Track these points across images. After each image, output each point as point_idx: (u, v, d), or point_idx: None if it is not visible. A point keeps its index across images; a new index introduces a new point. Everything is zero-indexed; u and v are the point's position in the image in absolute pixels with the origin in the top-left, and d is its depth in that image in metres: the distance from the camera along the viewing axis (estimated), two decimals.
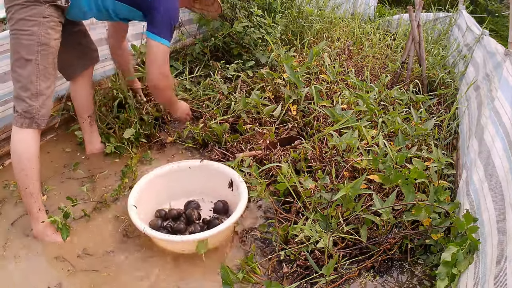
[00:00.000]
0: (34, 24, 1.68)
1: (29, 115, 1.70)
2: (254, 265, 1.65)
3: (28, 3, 1.67)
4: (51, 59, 1.75)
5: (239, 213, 1.74)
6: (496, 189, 1.50)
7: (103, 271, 1.65)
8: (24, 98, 1.70)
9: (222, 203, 1.97)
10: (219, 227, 1.68)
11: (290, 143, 2.40)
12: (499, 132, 1.73)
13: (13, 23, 1.70)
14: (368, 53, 3.72)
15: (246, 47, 3.33)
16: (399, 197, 1.92)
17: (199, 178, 2.03)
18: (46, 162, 2.27)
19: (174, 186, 2.00)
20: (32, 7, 1.67)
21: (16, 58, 1.70)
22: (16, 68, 1.70)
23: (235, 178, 1.95)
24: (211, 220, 1.87)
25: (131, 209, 1.73)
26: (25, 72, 1.69)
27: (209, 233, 1.65)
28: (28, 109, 1.70)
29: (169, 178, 1.99)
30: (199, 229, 1.81)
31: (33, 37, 1.68)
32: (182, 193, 2.03)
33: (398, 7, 5.97)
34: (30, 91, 1.70)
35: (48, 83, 1.75)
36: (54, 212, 1.92)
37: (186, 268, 1.69)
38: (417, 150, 2.16)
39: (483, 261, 1.34)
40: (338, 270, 1.64)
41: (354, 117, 2.38)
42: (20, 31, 1.68)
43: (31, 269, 1.66)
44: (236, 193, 1.91)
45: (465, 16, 4.07)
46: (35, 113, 1.71)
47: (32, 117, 1.70)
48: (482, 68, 2.60)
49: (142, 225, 1.66)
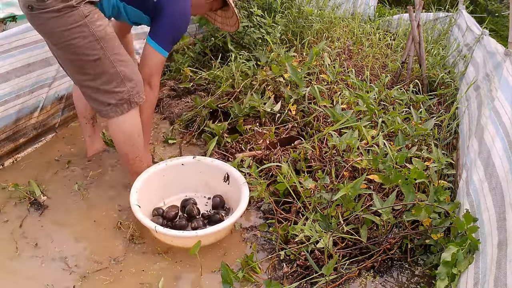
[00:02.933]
0: (81, 29, 1.62)
1: (125, 100, 1.77)
2: (254, 265, 1.65)
3: (63, 11, 1.58)
4: (117, 43, 1.75)
5: (244, 205, 1.77)
6: (496, 189, 1.50)
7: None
8: (112, 90, 1.74)
9: (218, 198, 1.99)
10: (231, 218, 1.72)
11: (290, 143, 2.40)
12: (499, 132, 1.73)
13: (53, 35, 1.64)
14: (368, 53, 3.72)
15: (246, 47, 3.34)
16: (399, 197, 1.92)
17: (193, 174, 2.04)
18: (46, 162, 2.27)
19: (169, 184, 2.01)
20: (68, 15, 1.59)
21: (83, 65, 1.69)
22: (88, 71, 1.70)
23: (231, 171, 1.96)
24: (212, 215, 1.89)
25: (137, 210, 1.72)
26: (100, 69, 1.70)
27: (223, 225, 1.69)
28: (122, 96, 1.76)
29: (164, 175, 1.99)
30: (201, 224, 1.83)
31: (89, 38, 1.64)
32: (177, 190, 2.05)
33: (398, 7, 5.96)
34: (115, 81, 1.74)
35: (125, 63, 1.76)
36: (55, 211, 1.92)
37: (186, 267, 1.69)
38: (417, 150, 2.16)
39: (483, 261, 1.34)
40: (338, 270, 1.64)
41: (354, 117, 2.38)
42: (70, 41, 1.63)
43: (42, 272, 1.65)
44: (233, 186, 1.93)
45: (465, 16, 4.07)
46: (129, 96, 1.78)
47: (128, 99, 1.78)
48: (482, 68, 2.60)
49: (154, 224, 1.66)
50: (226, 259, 1.73)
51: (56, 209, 1.95)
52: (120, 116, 1.81)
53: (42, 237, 1.79)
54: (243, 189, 1.86)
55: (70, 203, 1.99)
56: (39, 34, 1.78)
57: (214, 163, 2.03)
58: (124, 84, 1.76)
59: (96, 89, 1.76)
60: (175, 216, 1.89)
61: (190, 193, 2.07)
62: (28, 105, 2.23)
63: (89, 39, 1.65)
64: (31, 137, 2.33)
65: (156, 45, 1.85)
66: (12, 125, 2.16)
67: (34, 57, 2.18)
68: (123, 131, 1.86)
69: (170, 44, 1.89)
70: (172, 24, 1.85)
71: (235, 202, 1.93)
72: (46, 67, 2.27)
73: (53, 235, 1.80)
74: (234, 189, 1.94)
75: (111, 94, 1.75)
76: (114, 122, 1.83)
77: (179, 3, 1.86)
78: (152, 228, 1.66)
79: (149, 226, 1.68)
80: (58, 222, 1.88)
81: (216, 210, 1.96)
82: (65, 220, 1.89)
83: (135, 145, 1.90)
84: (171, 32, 1.87)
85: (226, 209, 1.99)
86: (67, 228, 1.85)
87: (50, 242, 1.77)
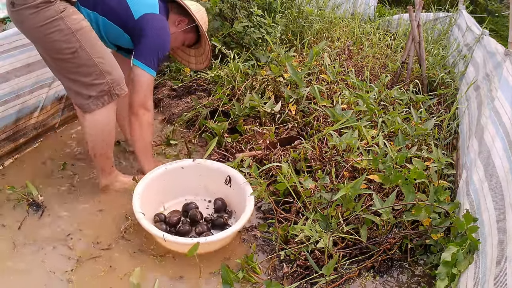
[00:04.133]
0: (57, 23, 1.67)
1: (105, 92, 1.79)
2: (254, 265, 1.65)
3: (40, 6, 1.64)
4: (93, 36, 1.78)
5: (250, 209, 1.76)
6: (496, 189, 1.50)
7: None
8: (91, 82, 1.77)
9: (220, 201, 1.98)
10: (239, 222, 1.70)
11: (290, 143, 2.40)
12: (499, 132, 1.73)
13: (32, 31, 1.70)
14: (368, 53, 3.72)
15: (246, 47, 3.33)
16: (399, 197, 1.92)
17: (193, 178, 2.02)
18: (46, 162, 2.27)
19: (169, 188, 1.98)
20: (45, 10, 1.65)
21: (62, 58, 1.73)
22: (67, 64, 1.74)
23: (233, 174, 1.95)
24: (215, 219, 1.87)
25: (141, 217, 1.69)
26: (78, 61, 1.73)
27: (232, 230, 1.68)
28: (102, 88, 1.78)
29: (164, 180, 1.96)
30: (206, 228, 1.82)
31: (64, 31, 1.69)
32: (176, 194, 2.02)
33: (398, 7, 5.96)
34: (94, 73, 1.76)
35: (103, 55, 1.78)
36: (53, 211, 1.92)
37: (185, 267, 1.69)
38: (417, 150, 2.16)
39: (483, 261, 1.34)
40: (338, 270, 1.64)
41: (354, 117, 2.38)
42: (48, 35, 1.68)
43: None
44: (235, 189, 1.92)
45: (465, 16, 4.07)
46: (109, 87, 1.80)
47: (109, 91, 1.80)
48: (482, 68, 2.60)
49: (161, 233, 1.64)
50: (226, 260, 1.73)
51: (55, 210, 1.94)
52: (99, 110, 1.82)
53: (40, 237, 1.79)
54: (247, 191, 1.85)
55: (70, 203, 2.00)
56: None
57: (214, 165, 2.01)
58: (104, 76, 1.78)
59: (76, 82, 1.78)
60: (178, 221, 1.86)
61: (190, 196, 2.04)
62: (28, 105, 2.23)
63: (65, 32, 1.69)
64: (31, 137, 2.33)
65: (143, 65, 1.90)
66: (12, 125, 2.16)
67: (34, 57, 2.18)
68: (98, 125, 1.86)
69: (156, 63, 1.94)
70: (154, 42, 1.92)
71: (237, 204, 1.93)
72: (46, 67, 2.25)
73: (51, 235, 1.80)
74: (236, 192, 1.93)
75: (91, 86, 1.78)
76: (92, 115, 1.83)
77: (158, 23, 1.95)
78: (160, 236, 1.62)
79: (157, 235, 1.64)
80: (57, 223, 1.88)
81: (218, 214, 1.96)
82: (64, 221, 1.89)
83: (105, 140, 1.91)
84: (156, 50, 1.92)
85: (228, 212, 1.98)
86: (66, 228, 1.85)
87: (49, 243, 1.77)
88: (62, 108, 2.53)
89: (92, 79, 1.77)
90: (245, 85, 2.75)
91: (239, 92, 2.72)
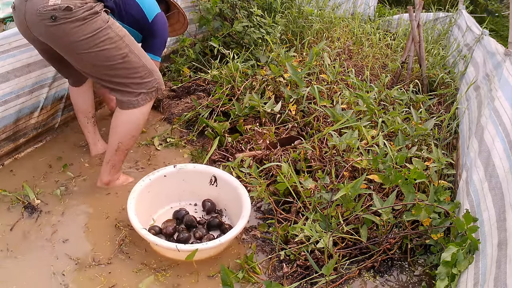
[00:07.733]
0: (106, 31, 1.73)
1: (153, 88, 1.93)
2: (254, 265, 1.65)
3: (88, 18, 1.67)
4: (135, 40, 1.90)
5: (248, 209, 1.76)
6: (496, 189, 1.50)
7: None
8: (141, 82, 1.88)
9: (209, 202, 1.97)
10: (241, 222, 1.70)
11: (290, 143, 2.40)
12: (499, 132, 1.73)
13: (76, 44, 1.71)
14: (368, 53, 3.72)
15: (246, 47, 3.34)
16: (399, 197, 1.92)
17: (176, 184, 1.99)
18: (46, 162, 2.27)
19: (155, 199, 1.94)
20: (93, 21, 1.69)
21: (112, 64, 1.79)
22: (119, 69, 1.82)
23: (218, 173, 1.96)
24: (210, 220, 1.87)
25: (146, 233, 1.64)
26: (129, 65, 1.83)
27: (235, 231, 1.67)
28: (152, 85, 1.91)
29: (149, 192, 1.90)
30: (205, 232, 1.82)
31: (114, 38, 1.76)
32: (162, 204, 1.99)
33: (398, 7, 5.96)
34: (144, 71, 1.88)
35: (145, 54, 1.92)
36: (48, 213, 1.93)
37: (185, 267, 1.69)
38: (417, 150, 2.16)
39: (483, 261, 1.34)
40: (338, 270, 1.64)
41: (354, 117, 2.38)
42: (97, 45, 1.73)
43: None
44: (222, 187, 1.94)
45: (465, 16, 4.07)
46: (157, 84, 1.94)
47: (156, 88, 1.94)
48: (482, 68, 2.60)
49: (174, 244, 1.60)
50: (225, 261, 1.73)
51: (52, 213, 1.93)
52: (147, 104, 1.93)
53: (38, 239, 1.78)
54: (236, 186, 1.87)
55: (70, 204, 1.99)
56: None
57: (197, 168, 2.01)
58: (152, 74, 1.91)
59: (127, 83, 1.87)
60: (175, 230, 1.82)
61: (174, 203, 2.01)
62: (28, 105, 2.23)
63: (114, 39, 1.77)
64: (31, 137, 2.33)
65: (155, 56, 2.25)
66: (12, 125, 2.16)
67: (34, 57, 2.18)
68: (140, 119, 1.95)
69: (162, 51, 2.33)
70: (163, 38, 2.31)
71: (227, 202, 1.94)
72: (46, 67, 2.26)
73: (48, 238, 1.79)
74: (223, 190, 1.94)
75: (141, 84, 1.89)
76: (140, 110, 1.91)
77: (163, 19, 2.26)
78: (174, 248, 1.58)
79: (170, 247, 1.60)
80: (54, 225, 1.86)
81: (210, 215, 1.95)
82: (62, 222, 1.88)
83: (134, 136, 1.99)
84: (164, 43, 2.33)
85: (218, 211, 1.98)
86: (64, 230, 1.84)
87: (47, 244, 1.76)
88: (62, 108, 2.53)
89: (142, 79, 1.88)
90: (244, 85, 2.75)
91: (238, 92, 2.72)
